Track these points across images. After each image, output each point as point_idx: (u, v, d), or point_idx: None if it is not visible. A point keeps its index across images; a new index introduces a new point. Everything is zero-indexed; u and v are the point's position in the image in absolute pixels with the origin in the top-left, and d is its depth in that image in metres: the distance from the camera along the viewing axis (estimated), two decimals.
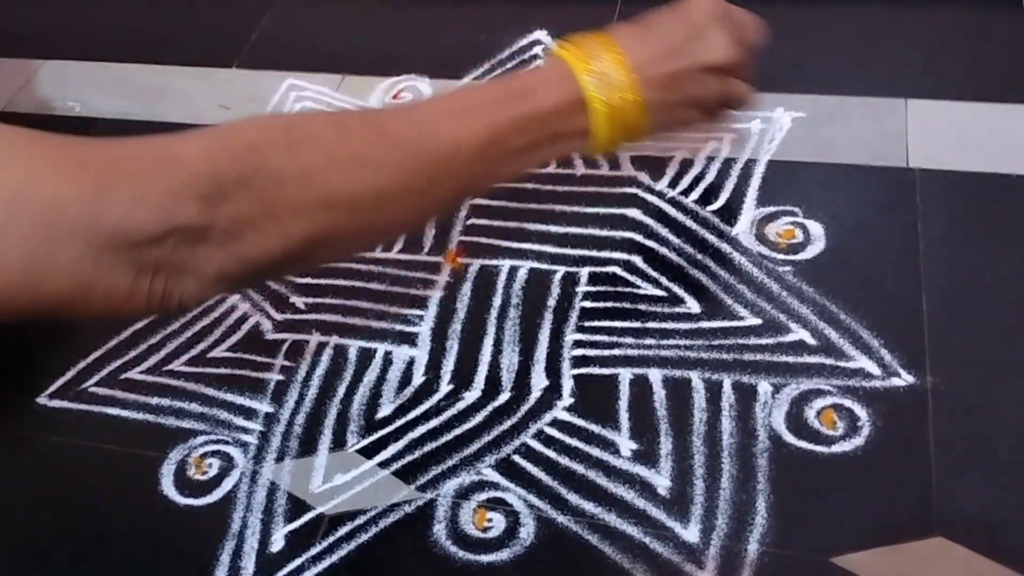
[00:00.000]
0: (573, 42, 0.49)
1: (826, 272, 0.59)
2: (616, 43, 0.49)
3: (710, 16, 0.51)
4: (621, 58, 0.49)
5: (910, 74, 0.71)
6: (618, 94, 0.48)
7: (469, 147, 0.45)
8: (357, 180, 0.42)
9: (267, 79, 0.79)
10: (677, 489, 0.51)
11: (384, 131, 0.44)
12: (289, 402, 0.57)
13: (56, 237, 0.35)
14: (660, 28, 0.51)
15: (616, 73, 0.48)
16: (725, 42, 0.51)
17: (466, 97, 0.48)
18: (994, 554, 0.46)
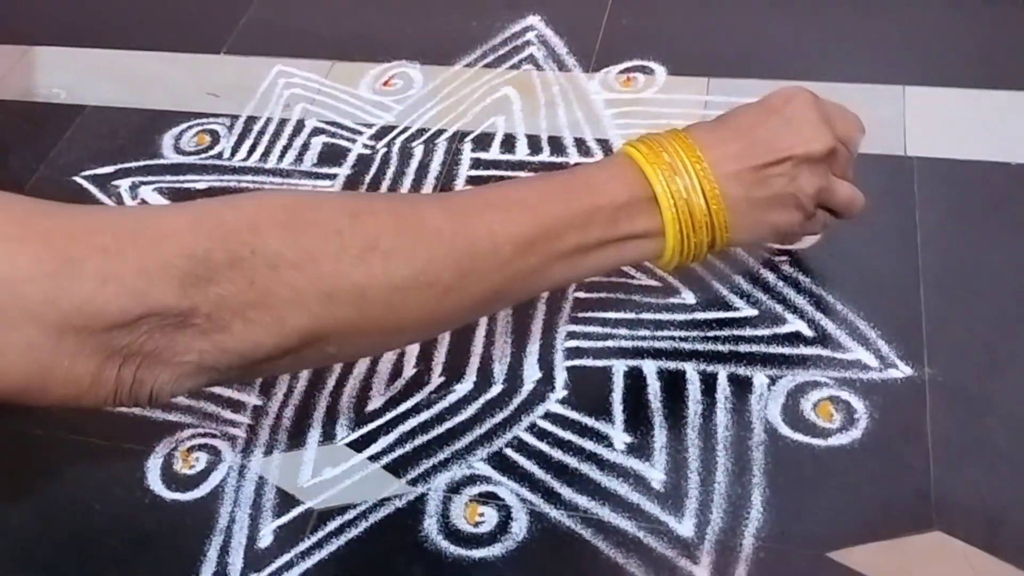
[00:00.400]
0: (641, 139, 0.46)
1: (823, 262, 0.58)
2: (690, 135, 0.45)
3: (801, 104, 0.46)
4: (696, 150, 0.44)
5: (908, 61, 0.70)
6: (693, 190, 0.43)
7: (512, 242, 0.40)
8: (367, 270, 0.37)
9: (255, 65, 0.78)
10: (671, 483, 0.50)
11: (410, 217, 0.39)
12: (277, 395, 0.56)
13: (8, 318, 0.31)
14: (742, 118, 0.46)
15: (691, 165, 0.43)
16: (821, 129, 0.46)
17: (516, 188, 0.44)
18: (993, 549, 0.46)
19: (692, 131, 0.46)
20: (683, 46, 0.74)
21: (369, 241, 0.37)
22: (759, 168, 0.44)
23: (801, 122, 0.46)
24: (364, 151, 0.70)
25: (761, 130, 0.45)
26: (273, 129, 0.73)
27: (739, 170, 0.44)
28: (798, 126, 0.46)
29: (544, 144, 0.68)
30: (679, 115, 0.68)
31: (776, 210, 0.46)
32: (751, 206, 0.45)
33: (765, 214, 0.46)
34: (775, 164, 0.45)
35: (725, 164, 0.44)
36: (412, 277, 0.38)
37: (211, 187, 0.69)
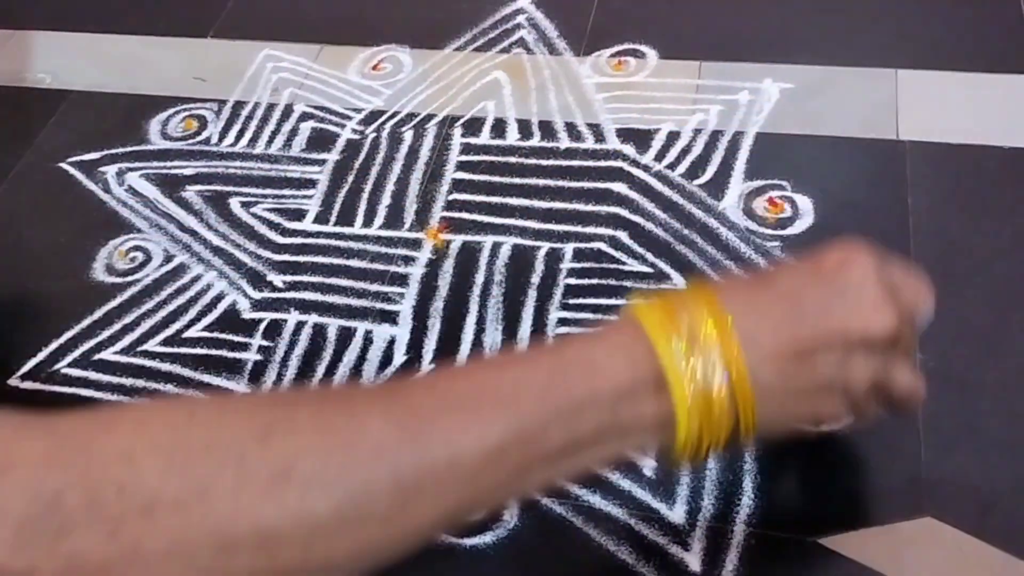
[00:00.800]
0: (659, 296, 0.36)
1: (815, 247, 0.58)
2: (720, 299, 0.35)
3: (861, 270, 0.36)
4: (725, 321, 0.34)
5: (900, 44, 0.69)
6: (717, 373, 0.34)
7: (477, 454, 0.31)
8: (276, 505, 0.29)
9: (243, 49, 0.77)
10: (663, 470, 0.50)
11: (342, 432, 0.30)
12: (267, 383, 0.56)
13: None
14: (786, 280, 0.37)
15: (715, 343, 0.34)
16: (885, 306, 0.36)
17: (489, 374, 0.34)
18: (984, 534, 0.46)
19: (722, 291, 0.36)
20: (675, 29, 0.73)
21: (281, 467, 0.29)
22: (803, 350, 0.35)
23: (860, 294, 0.36)
24: (353, 136, 0.69)
25: (809, 299, 0.36)
26: (261, 114, 0.72)
27: (778, 350, 0.35)
28: (856, 299, 0.36)
29: (535, 129, 0.68)
30: (671, 99, 0.68)
31: (818, 400, 0.37)
32: (787, 396, 0.36)
33: (803, 405, 0.37)
34: (823, 346, 0.35)
35: (761, 340, 0.35)
36: (338, 510, 0.29)
37: (199, 173, 0.68)
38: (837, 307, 0.36)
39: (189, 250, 0.63)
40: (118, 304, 0.61)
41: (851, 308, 0.36)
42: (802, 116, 0.65)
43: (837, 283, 0.36)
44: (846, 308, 0.36)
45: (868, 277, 0.36)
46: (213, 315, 0.60)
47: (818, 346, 0.35)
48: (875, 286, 0.36)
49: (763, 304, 0.36)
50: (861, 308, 0.36)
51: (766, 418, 0.35)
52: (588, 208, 0.62)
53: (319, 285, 0.61)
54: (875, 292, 0.36)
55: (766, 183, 0.62)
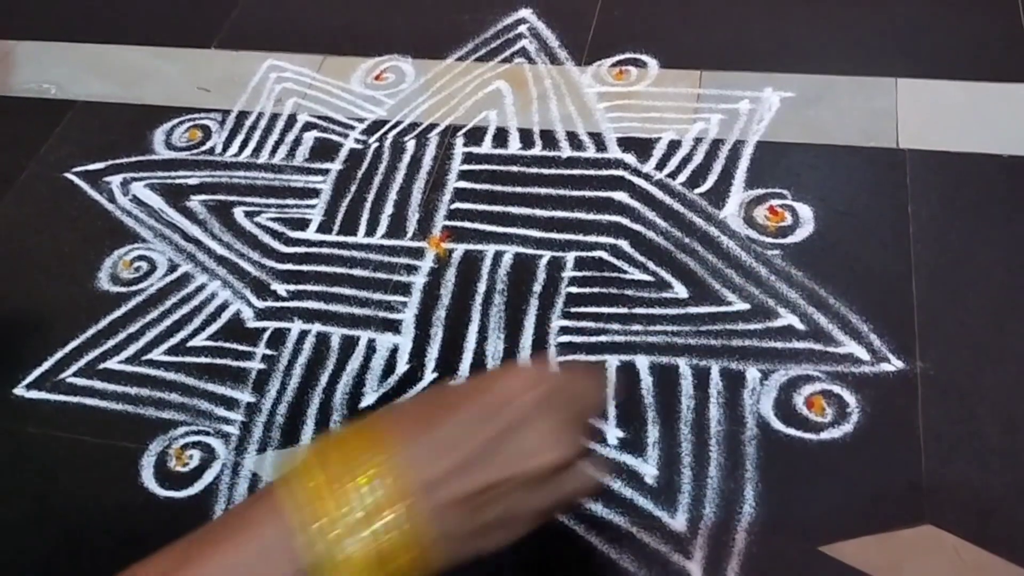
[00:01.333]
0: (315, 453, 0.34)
1: (815, 255, 0.58)
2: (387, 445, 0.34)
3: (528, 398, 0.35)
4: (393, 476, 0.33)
5: (900, 53, 0.70)
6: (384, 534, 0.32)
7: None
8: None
9: (247, 60, 0.78)
10: (664, 478, 0.50)
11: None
12: (271, 391, 0.56)
13: None
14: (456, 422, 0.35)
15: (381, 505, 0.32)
16: (553, 436, 0.35)
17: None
18: (983, 542, 0.46)
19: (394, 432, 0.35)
20: (675, 39, 0.74)
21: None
22: (476, 494, 0.34)
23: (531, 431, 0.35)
24: (356, 146, 0.70)
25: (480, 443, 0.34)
26: (265, 124, 0.72)
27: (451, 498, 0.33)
28: (526, 438, 0.35)
29: (536, 138, 0.68)
30: (672, 108, 0.68)
31: (492, 535, 0.35)
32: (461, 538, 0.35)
33: (478, 541, 0.35)
34: (497, 486, 0.34)
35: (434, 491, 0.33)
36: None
37: (203, 182, 0.69)
38: (510, 450, 0.34)
39: (193, 260, 0.64)
40: (123, 313, 0.62)
41: (523, 448, 0.35)
42: (803, 125, 0.66)
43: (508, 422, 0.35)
44: (519, 449, 0.35)
45: (539, 408, 0.35)
46: (217, 324, 0.60)
47: (490, 483, 0.34)
48: (546, 418, 0.35)
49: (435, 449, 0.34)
50: (533, 446, 0.35)
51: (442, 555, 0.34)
52: (589, 217, 0.62)
53: (322, 294, 0.61)
54: (546, 425, 0.35)
55: (767, 192, 0.62)
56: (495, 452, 0.34)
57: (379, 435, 0.34)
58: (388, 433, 0.34)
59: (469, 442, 0.34)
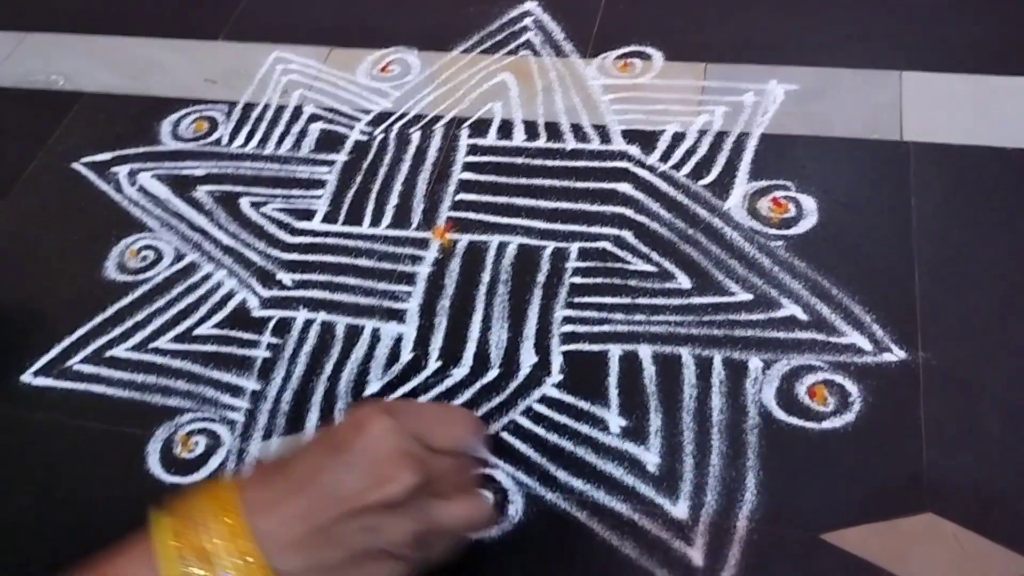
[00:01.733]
0: (178, 509, 0.38)
1: (818, 247, 0.59)
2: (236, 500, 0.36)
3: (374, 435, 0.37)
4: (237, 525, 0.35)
5: (905, 46, 0.70)
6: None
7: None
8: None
9: (253, 52, 0.78)
10: (666, 466, 0.50)
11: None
12: (276, 379, 0.57)
13: None
14: (304, 461, 0.38)
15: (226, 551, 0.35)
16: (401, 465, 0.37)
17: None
18: (984, 530, 0.46)
19: (245, 490, 0.37)
20: (680, 31, 0.74)
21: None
22: (321, 530, 0.36)
23: (372, 461, 0.37)
24: (361, 137, 0.70)
25: (326, 476, 0.37)
26: (271, 115, 0.73)
27: (300, 537, 0.35)
28: (367, 468, 0.37)
29: (541, 130, 0.68)
30: (676, 100, 0.68)
31: (362, 570, 0.37)
32: (324, 574, 0.36)
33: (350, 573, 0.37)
34: (347, 519, 0.36)
35: (277, 532, 0.36)
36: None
37: (209, 173, 0.69)
38: (349, 481, 0.36)
39: (200, 249, 0.64)
40: (130, 302, 0.62)
41: (364, 478, 0.36)
42: (807, 117, 0.66)
43: (350, 455, 0.37)
44: (359, 479, 0.36)
45: (380, 440, 0.37)
46: (223, 313, 0.61)
47: (337, 522, 0.36)
48: (390, 447, 0.37)
49: (283, 493, 0.37)
50: (375, 475, 0.36)
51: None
52: (593, 208, 0.63)
53: (327, 283, 0.61)
54: (387, 455, 0.37)
55: (770, 183, 0.62)
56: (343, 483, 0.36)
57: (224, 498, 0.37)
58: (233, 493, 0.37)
59: (320, 473, 0.36)
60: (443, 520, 0.39)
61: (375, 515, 0.36)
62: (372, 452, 0.37)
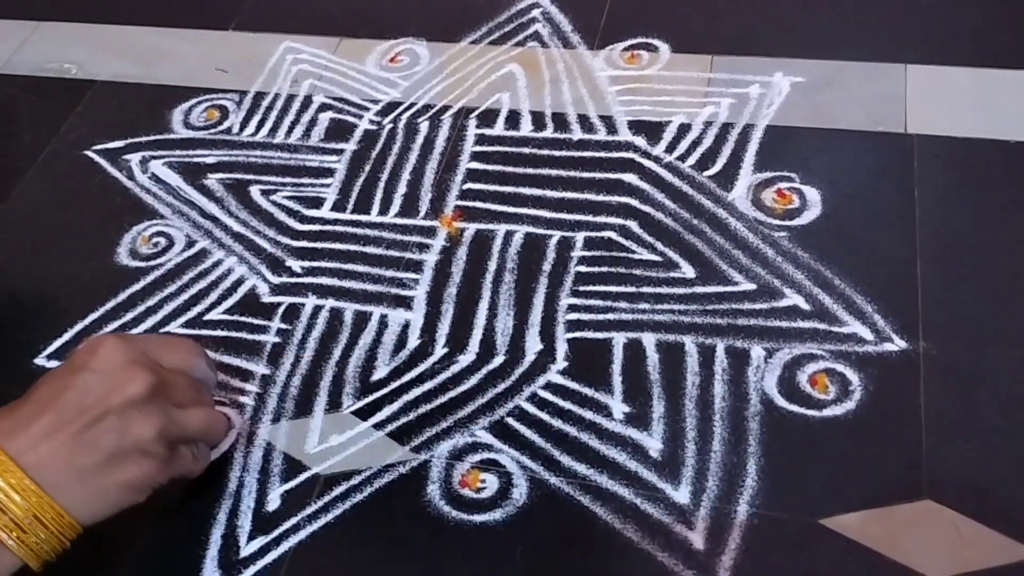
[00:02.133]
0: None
1: (822, 238, 0.59)
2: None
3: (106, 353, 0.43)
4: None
5: (910, 39, 0.70)
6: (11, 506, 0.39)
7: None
8: None
9: (264, 41, 0.79)
10: (668, 451, 0.51)
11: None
12: (285, 364, 0.58)
13: None
14: (46, 387, 0.42)
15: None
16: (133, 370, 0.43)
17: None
18: (982, 517, 0.47)
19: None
20: (687, 23, 0.74)
21: None
22: (77, 433, 0.41)
23: (111, 370, 0.42)
24: (370, 127, 0.71)
25: (69, 393, 0.42)
26: (281, 105, 0.74)
27: (55, 450, 0.40)
28: (105, 375, 0.42)
29: (548, 121, 0.69)
30: (682, 92, 0.69)
31: (120, 468, 0.42)
32: (85, 477, 0.41)
33: (107, 477, 0.42)
34: (95, 422, 0.41)
35: (36, 447, 0.40)
36: None
37: (220, 161, 0.70)
38: (91, 390, 0.42)
39: (210, 236, 0.65)
40: (141, 287, 0.63)
41: (103, 382, 0.42)
42: (812, 109, 0.66)
43: (87, 371, 0.42)
44: (99, 384, 0.42)
45: (112, 353, 0.43)
46: (233, 299, 0.62)
47: (87, 428, 0.41)
48: (120, 359, 0.43)
49: (29, 416, 0.41)
50: (112, 379, 0.42)
51: (74, 503, 0.41)
52: (599, 198, 0.63)
53: (336, 271, 0.62)
54: (123, 363, 0.43)
55: (775, 175, 0.63)
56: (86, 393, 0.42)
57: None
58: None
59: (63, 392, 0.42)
60: (183, 422, 0.45)
61: (120, 416, 0.42)
62: (109, 363, 0.43)
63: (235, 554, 0.50)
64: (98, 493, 0.42)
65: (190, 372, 0.48)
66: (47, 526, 0.41)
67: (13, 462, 0.40)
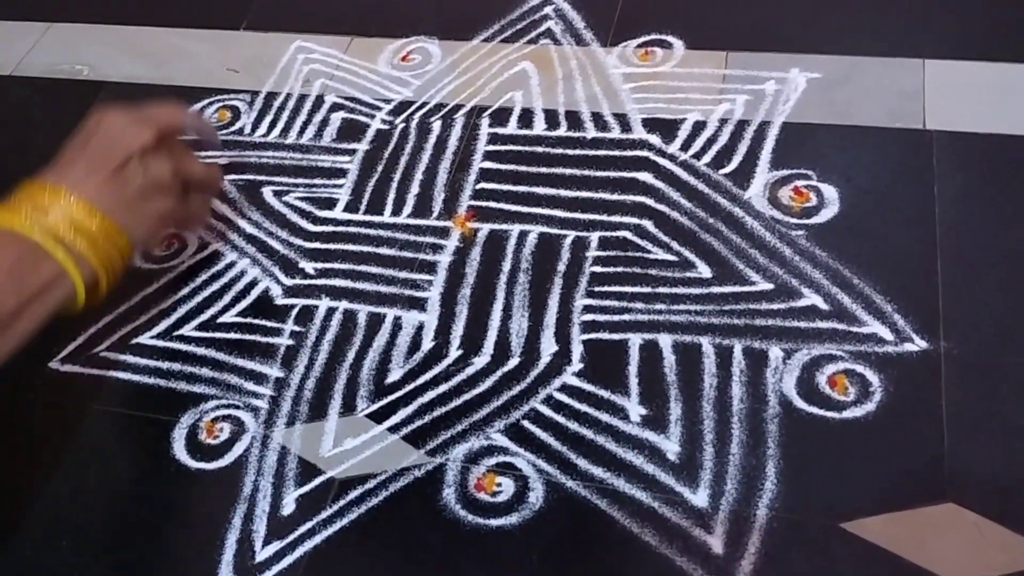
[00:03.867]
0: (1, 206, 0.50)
1: (840, 236, 0.59)
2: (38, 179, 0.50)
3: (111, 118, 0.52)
4: (49, 186, 0.49)
5: (928, 33, 0.69)
6: (69, 217, 0.48)
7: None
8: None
9: (275, 41, 0.79)
10: (686, 454, 0.51)
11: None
12: (299, 367, 0.57)
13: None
14: (72, 149, 0.52)
15: (54, 200, 0.48)
16: (139, 126, 0.52)
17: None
18: (1005, 519, 0.46)
19: (39, 177, 0.51)
20: (701, 20, 0.74)
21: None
22: (113, 174, 0.50)
23: (122, 128, 0.52)
24: (383, 126, 0.70)
25: (93, 146, 0.51)
26: (293, 105, 0.73)
27: (98, 184, 0.50)
28: (121, 132, 0.52)
29: (562, 119, 0.68)
30: (697, 89, 0.68)
31: (150, 201, 0.52)
32: (128, 205, 0.51)
33: (143, 207, 0.51)
34: (123, 166, 0.51)
35: (85, 183, 0.50)
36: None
37: (232, 162, 0.70)
38: (110, 140, 0.51)
39: (223, 238, 0.65)
40: (155, 290, 0.63)
41: (118, 136, 0.51)
42: (829, 106, 0.66)
43: (103, 132, 0.52)
44: (116, 138, 0.51)
45: (117, 117, 0.52)
46: (247, 301, 0.61)
47: (117, 166, 0.50)
48: (127, 119, 0.52)
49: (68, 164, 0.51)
50: (124, 133, 0.52)
51: (126, 226, 0.50)
52: (614, 197, 0.63)
53: (349, 272, 0.62)
54: (128, 121, 0.52)
55: (792, 172, 0.62)
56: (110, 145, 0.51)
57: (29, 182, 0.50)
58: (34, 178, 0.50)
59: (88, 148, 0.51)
60: (188, 166, 0.55)
61: (140, 159, 0.51)
62: (117, 123, 0.52)
63: (250, 559, 0.50)
64: (141, 220, 0.51)
65: (179, 130, 0.56)
66: (115, 244, 0.50)
67: (75, 194, 0.49)
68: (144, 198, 0.51)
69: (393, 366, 0.57)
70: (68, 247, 0.48)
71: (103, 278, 0.50)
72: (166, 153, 0.53)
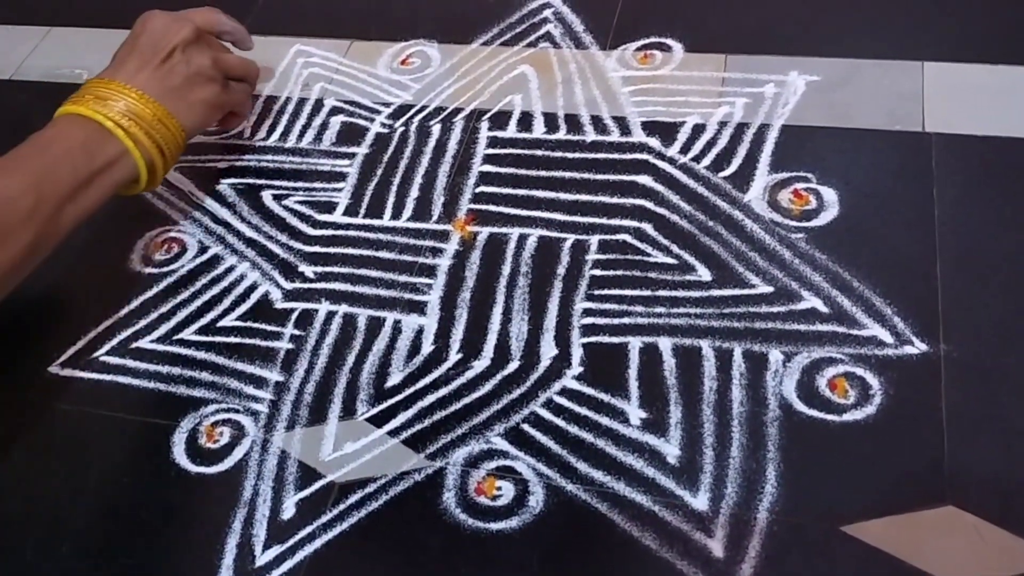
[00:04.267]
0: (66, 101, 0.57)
1: (839, 239, 0.59)
2: (95, 76, 0.59)
3: (155, 18, 0.61)
4: (105, 79, 0.58)
5: (927, 36, 0.69)
6: (126, 104, 0.56)
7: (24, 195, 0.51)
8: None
9: (274, 45, 0.79)
10: (686, 458, 0.51)
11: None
12: (299, 371, 0.57)
13: None
14: (122, 49, 0.60)
15: (111, 90, 0.57)
16: (180, 22, 0.60)
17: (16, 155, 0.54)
18: (1005, 523, 0.46)
19: (94, 77, 0.59)
20: (701, 22, 0.74)
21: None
22: (159, 65, 0.58)
23: (164, 25, 0.60)
24: (382, 130, 0.70)
25: (140, 44, 0.59)
26: (292, 109, 0.73)
27: (147, 76, 0.58)
28: (164, 29, 0.60)
29: (561, 122, 0.68)
30: (696, 92, 0.68)
31: (196, 89, 0.60)
32: (176, 93, 0.59)
33: (190, 95, 0.60)
34: (168, 58, 0.59)
35: (136, 76, 0.58)
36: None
37: (232, 166, 0.70)
38: (155, 36, 0.60)
39: (223, 241, 0.65)
40: (154, 294, 0.63)
41: (162, 33, 0.60)
42: (828, 108, 0.66)
43: (149, 30, 0.60)
44: (160, 34, 0.60)
45: (159, 16, 0.61)
46: (246, 305, 0.61)
47: (166, 60, 0.59)
48: (168, 17, 0.61)
49: (120, 61, 0.60)
50: (167, 29, 0.60)
51: (177, 112, 0.59)
52: (613, 200, 0.63)
53: (349, 276, 0.62)
54: (170, 19, 0.61)
55: (791, 175, 0.62)
56: (155, 41, 0.60)
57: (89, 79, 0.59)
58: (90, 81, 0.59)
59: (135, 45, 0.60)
60: (227, 58, 0.64)
61: (183, 51, 0.60)
62: (160, 22, 0.60)
63: (250, 563, 0.50)
64: (190, 107, 0.60)
65: (215, 28, 0.64)
66: (167, 128, 0.58)
67: (129, 85, 0.57)
68: (190, 85, 0.59)
69: (393, 370, 0.57)
70: (127, 131, 0.56)
71: (158, 161, 0.57)
72: (204, 45, 0.61)
